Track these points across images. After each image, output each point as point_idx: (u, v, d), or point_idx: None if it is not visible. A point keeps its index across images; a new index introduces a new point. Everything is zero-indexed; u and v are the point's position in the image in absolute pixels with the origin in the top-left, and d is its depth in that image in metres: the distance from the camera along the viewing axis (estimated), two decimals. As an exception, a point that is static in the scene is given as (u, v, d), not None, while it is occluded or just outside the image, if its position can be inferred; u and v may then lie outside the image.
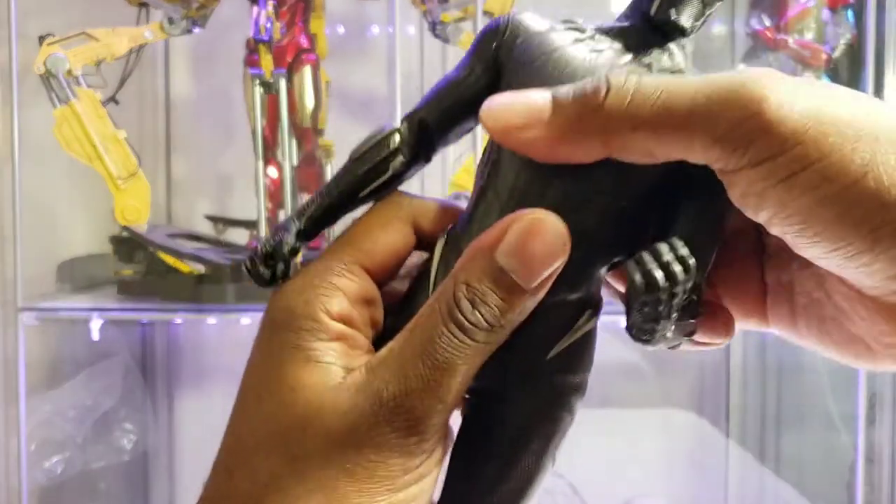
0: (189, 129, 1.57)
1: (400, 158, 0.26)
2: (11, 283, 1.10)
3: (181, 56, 1.55)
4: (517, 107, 0.22)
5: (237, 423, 0.25)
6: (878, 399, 1.16)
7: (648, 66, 0.24)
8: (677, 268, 0.22)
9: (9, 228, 1.09)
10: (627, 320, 0.23)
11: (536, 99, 0.22)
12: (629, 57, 0.24)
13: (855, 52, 1.19)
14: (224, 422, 0.26)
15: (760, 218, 0.21)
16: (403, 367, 0.23)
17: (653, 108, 0.20)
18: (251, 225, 1.29)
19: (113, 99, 1.17)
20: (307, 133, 1.24)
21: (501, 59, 0.25)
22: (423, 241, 0.27)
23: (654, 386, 1.52)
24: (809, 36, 1.23)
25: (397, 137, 0.26)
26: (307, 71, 1.21)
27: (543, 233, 0.23)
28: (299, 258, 0.27)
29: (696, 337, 0.25)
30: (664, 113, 0.20)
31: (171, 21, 1.17)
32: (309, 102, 1.22)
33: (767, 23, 1.27)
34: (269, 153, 1.21)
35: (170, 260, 1.15)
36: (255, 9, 1.11)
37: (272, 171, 1.22)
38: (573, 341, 0.25)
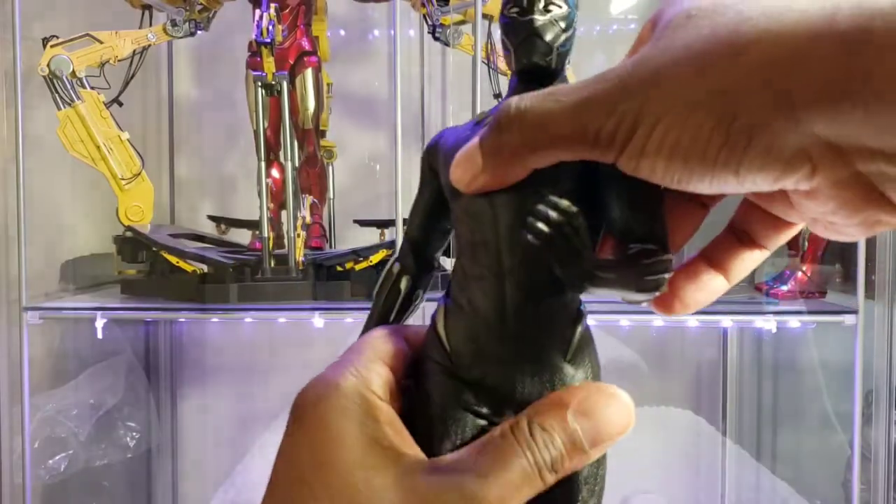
0: (192, 130, 1.58)
1: (405, 279, 0.33)
2: (16, 282, 1.11)
3: (184, 58, 1.56)
4: (465, 165, 0.27)
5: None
6: (874, 397, 1.16)
7: None
8: (552, 213, 0.26)
9: (13, 228, 1.10)
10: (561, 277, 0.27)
11: (472, 154, 0.27)
12: None
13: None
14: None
15: (648, 177, 0.25)
16: (473, 476, 0.26)
17: (538, 136, 0.25)
18: (253, 225, 1.30)
19: (117, 100, 1.18)
20: (309, 134, 1.25)
21: (435, 165, 0.31)
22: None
23: (651, 384, 1.53)
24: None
25: (397, 265, 0.33)
26: (309, 73, 1.22)
27: (617, 402, 0.27)
28: None
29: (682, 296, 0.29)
30: (548, 136, 0.25)
31: (174, 24, 1.18)
32: (311, 104, 1.23)
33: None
34: (272, 154, 1.22)
35: (173, 260, 1.16)
36: (258, 12, 1.11)
37: (275, 172, 1.23)
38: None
